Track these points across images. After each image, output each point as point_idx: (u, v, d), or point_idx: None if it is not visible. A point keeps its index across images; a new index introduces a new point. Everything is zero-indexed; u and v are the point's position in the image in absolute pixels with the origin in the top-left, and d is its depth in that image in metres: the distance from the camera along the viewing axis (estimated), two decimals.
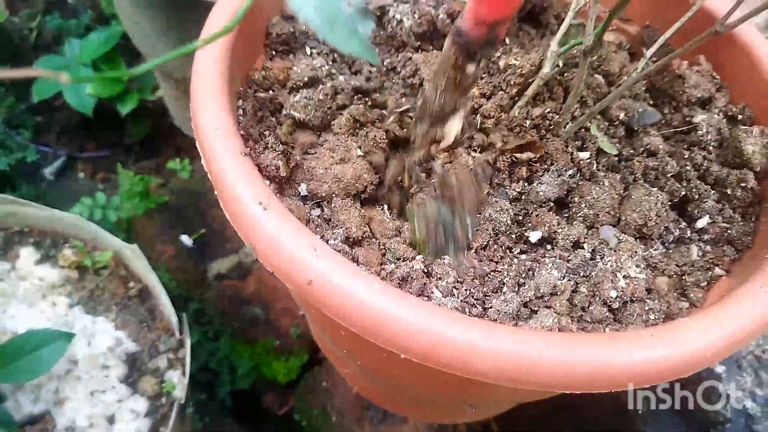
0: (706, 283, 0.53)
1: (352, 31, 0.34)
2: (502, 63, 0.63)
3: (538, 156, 0.53)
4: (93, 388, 0.81)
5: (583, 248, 0.51)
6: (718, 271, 0.54)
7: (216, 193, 0.47)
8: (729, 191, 0.57)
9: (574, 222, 0.53)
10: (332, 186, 0.52)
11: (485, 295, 0.47)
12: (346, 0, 0.34)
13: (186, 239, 1.25)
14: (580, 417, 0.92)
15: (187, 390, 0.82)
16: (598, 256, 0.51)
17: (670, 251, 0.54)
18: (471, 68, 0.48)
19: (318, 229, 0.49)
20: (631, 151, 0.60)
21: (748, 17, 0.48)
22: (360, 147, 0.54)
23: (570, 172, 0.54)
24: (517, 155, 0.53)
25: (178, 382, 0.83)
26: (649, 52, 0.53)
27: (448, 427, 1.03)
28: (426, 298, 0.46)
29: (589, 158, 0.56)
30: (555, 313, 0.46)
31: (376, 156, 0.54)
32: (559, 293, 0.47)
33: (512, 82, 0.59)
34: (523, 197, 0.53)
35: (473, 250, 0.50)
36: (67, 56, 1.28)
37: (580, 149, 0.57)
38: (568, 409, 0.94)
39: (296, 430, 1.10)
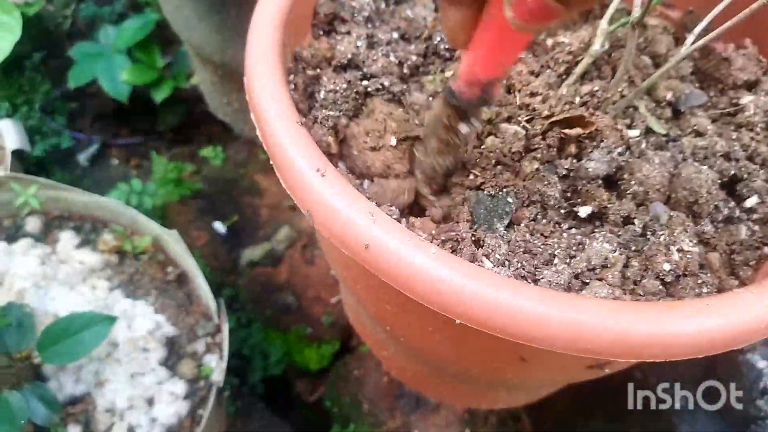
0: (755, 261, 0.51)
1: None
2: (549, 42, 0.62)
3: (587, 132, 0.53)
4: (133, 370, 0.82)
5: (633, 224, 0.51)
6: (766, 250, 0.52)
7: (272, 162, 0.47)
8: None
9: (624, 199, 0.52)
10: (364, 170, 0.52)
11: (536, 267, 0.47)
12: None
13: (219, 226, 1.25)
14: (611, 414, 0.91)
15: (225, 374, 0.83)
16: (649, 232, 0.50)
17: (719, 230, 0.53)
18: (464, 129, 0.48)
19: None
20: (679, 132, 0.59)
21: None
22: (395, 134, 0.54)
23: (619, 149, 0.53)
24: (567, 131, 0.53)
25: (216, 366, 0.84)
26: (696, 29, 0.52)
27: (479, 418, 1.03)
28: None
29: (638, 136, 0.56)
30: (607, 284, 0.45)
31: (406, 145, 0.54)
32: (610, 266, 0.47)
33: (561, 60, 0.58)
34: (572, 174, 0.52)
35: (522, 224, 0.49)
36: (101, 43, 1.29)
37: (629, 127, 0.56)
38: (599, 405, 0.93)
39: (327, 417, 1.11)
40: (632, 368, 0.89)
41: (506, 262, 0.46)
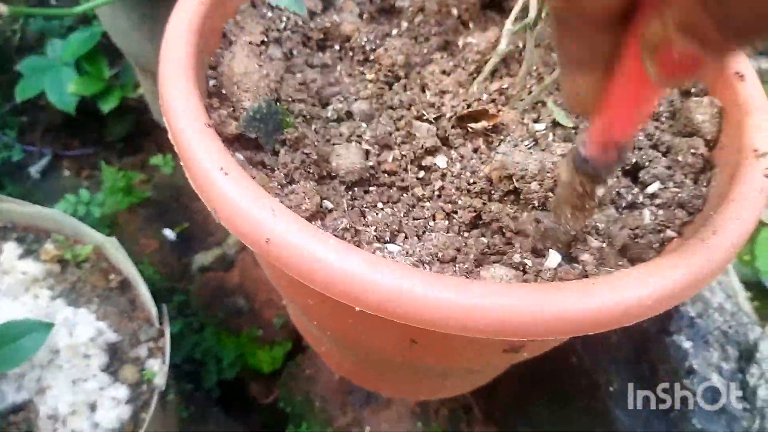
0: (658, 244, 0.54)
1: None
2: (461, 43, 0.65)
3: (491, 124, 0.55)
4: (75, 376, 0.82)
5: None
6: (669, 233, 0.55)
7: (182, 163, 0.49)
8: (680, 158, 0.58)
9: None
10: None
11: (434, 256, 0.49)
12: None
13: (169, 233, 1.26)
14: (554, 397, 0.94)
15: (168, 378, 0.84)
16: None
17: (623, 215, 0.56)
18: (600, 191, 0.46)
19: None
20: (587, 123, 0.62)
21: None
22: None
23: (526, 142, 0.56)
24: (472, 125, 0.55)
25: (158, 370, 0.85)
26: None
27: (430, 411, 1.05)
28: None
29: (544, 129, 0.58)
30: (504, 266, 0.48)
31: None
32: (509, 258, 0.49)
33: (470, 59, 0.61)
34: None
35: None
36: (49, 56, 1.29)
37: (536, 121, 0.59)
38: (543, 389, 0.96)
39: (282, 418, 1.12)
40: (569, 351, 0.92)
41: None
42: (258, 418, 1.18)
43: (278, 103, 0.56)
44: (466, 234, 0.53)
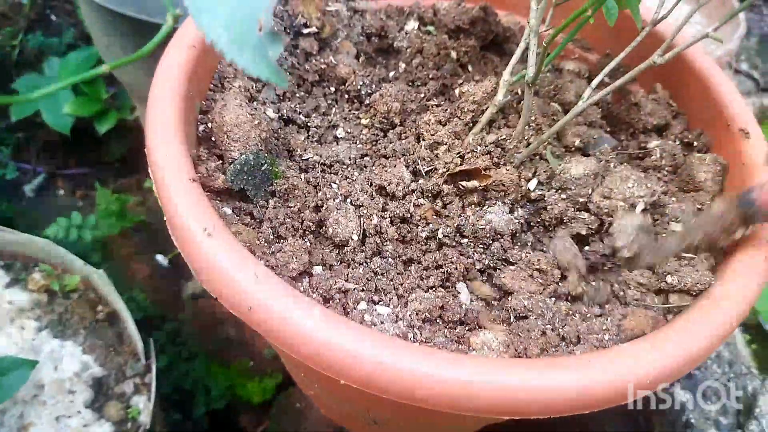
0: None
1: (262, 54, 0.34)
2: (457, 91, 0.63)
3: (483, 185, 0.54)
4: (59, 413, 0.80)
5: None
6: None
7: (165, 218, 0.47)
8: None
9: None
10: None
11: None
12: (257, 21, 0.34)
13: (161, 259, 1.25)
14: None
15: (153, 415, 0.82)
16: None
17: None
18: (740, 233, 0.50)
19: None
20: None
21: (685, 47, 0.49)
22: None
23: (521, 211, 0.55)
24: (464, 183, 0.54)
25: (143, 407, 0.83)
26: (595, 81, 0.53)
27: None
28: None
29: (538, 189, 0.57)
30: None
31: None
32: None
33: (466, 109, 0.59)
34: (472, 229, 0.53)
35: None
36: (46, 75, 1.28)
37: (534, 175, 0.57)
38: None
39: None
40: None
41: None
42: None
43: (268, 154, 0.54)
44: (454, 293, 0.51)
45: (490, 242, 0.53)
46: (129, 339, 0.89)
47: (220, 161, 0.53)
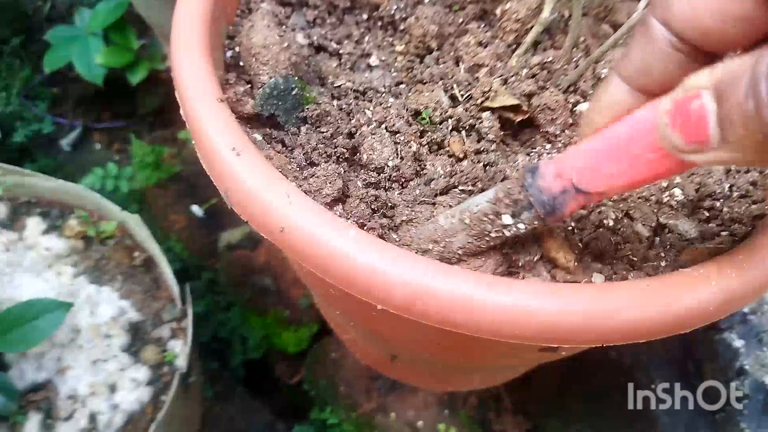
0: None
1: None
2: (499, 10, 0.59)
3: (524, 118, 0.50)
4: (95, 356, 0.81)
5: None
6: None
7: (193, 141, 0.45)
8: None
9: None
10: None
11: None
12: None
13: (197, 209, 1.24)
14: (590, 389, 0.89)
15: (190, 359, 0.82)
16: None
17: None
18: (507, 221, 0.40)
19: None
20: None
21: None
22: None
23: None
24: (508, 114, 0.50)
25: (180, 351, 0.82)
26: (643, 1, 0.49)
27: (458, 399, 1.01)
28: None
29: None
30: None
31: None
32: None
33: (508, 29, 0.55)
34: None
35: None
36: (77, 26, 1.27)
37: (578, 103, 0.53)
38: (579, 380, 0.91)
39: (306, 399, 1.10)
40: (607, 348, 0.87)
41: None
42: (283, 399, 1.16)
43: (298, 79, 0.51)
44: None
45: None
46: (165, 284, 0.88)
47: (249, 86, 0.51)
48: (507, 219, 0.40)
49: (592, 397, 0.88)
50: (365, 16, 0.62)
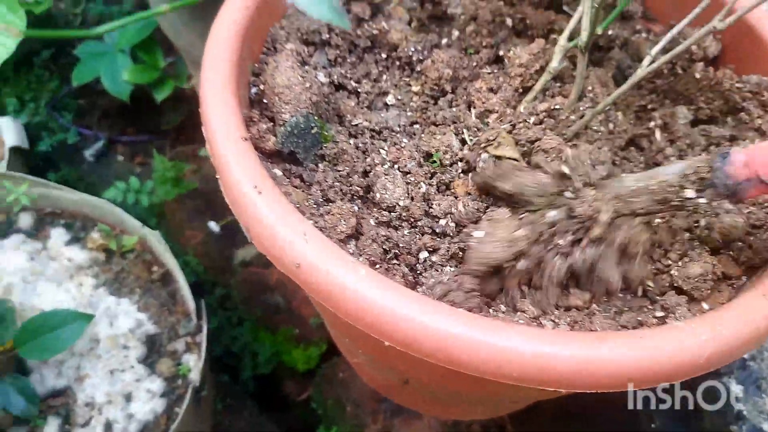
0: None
1: None
2: (510, 54, 0.62)
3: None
4: (113, 366, 0.84)
5: None
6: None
7: (217, 177, 0.48)
8: None
9: None
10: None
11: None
12: None
13: (213, 225, 1.27)
14: (594, 425, 0.91)
15: (203, 373, 0.84)
16: None
17: None
18: (693, 197, 0.45)
19: None
20: None
21: (747, 11, 0.47)
22: None
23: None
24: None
25: (194, 365, 0.85)
26: (656, 48, 0.51)
27: (462, 426, 1.03)
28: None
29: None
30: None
31: None
32: None
33: (512, 74, 0.58)
34: None
35: None
36: (106, 42, 1.31)
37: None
38: (582, 417, 0.93)
39: (314, 416, 1.12)
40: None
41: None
42: (291, 415, 1.19)
43: (318, 117, 0.54)
44: None
45: None
46: (182, 299, 0.91)
47: (272, 123, 0.54)
48: (690, 193, 0.44)
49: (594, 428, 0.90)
50: (384, 56, 0.65)
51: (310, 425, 1.12)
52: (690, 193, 0.44)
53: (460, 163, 0.54)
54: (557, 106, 0.57)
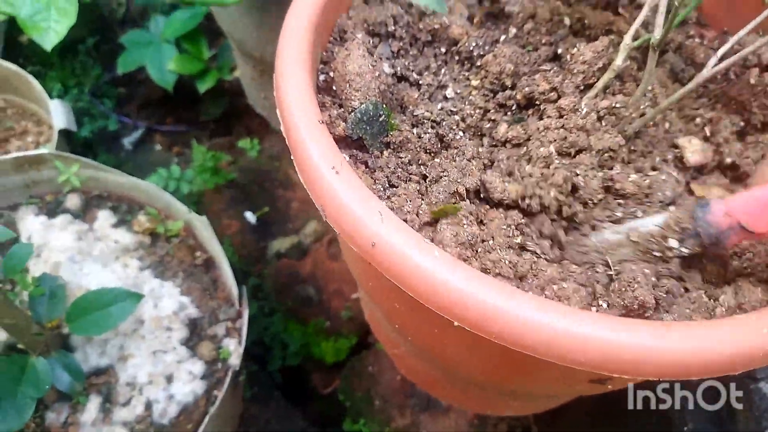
0: None
1: None
2: (569, 54, 0.63)
3: None
4: (155, 347, 0.85)
5: None
6: None
7: (293, 158, 0.50)
8: None
9: None
10: None
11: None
12: None
13: (250, 216, 1.29)
14: (623, 428, 0.91)
15: (242, 359, 0.86)
16: None
17: None
18: (674, 244, 0.47)
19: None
20: None
21: None
22: None
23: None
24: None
25: (233, 350, 0.87)
26: (722, 50, 0.52)
27: (488, 424, 1.04)
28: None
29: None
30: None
31: None
32: None
33: (575, 71, 0.59)
34: None
35: None
36: (151, 32, 1.34)
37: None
38: (611, 418, 0.93)
39: (340, 410, 1.13)
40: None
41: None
42: (317, 407, 1.20)
43: (385, 105, 0.55)
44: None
45: None
46: (223, 285, 0.93)
47: (341, 109, 0.55)
48: (673, 243, 0.46)
49: None
50: (443, 50, 0.67)
51: (336, 418, 1.13)
52: (673, 243, 0.46)
53: None
54: (618, 104, 0.57)
